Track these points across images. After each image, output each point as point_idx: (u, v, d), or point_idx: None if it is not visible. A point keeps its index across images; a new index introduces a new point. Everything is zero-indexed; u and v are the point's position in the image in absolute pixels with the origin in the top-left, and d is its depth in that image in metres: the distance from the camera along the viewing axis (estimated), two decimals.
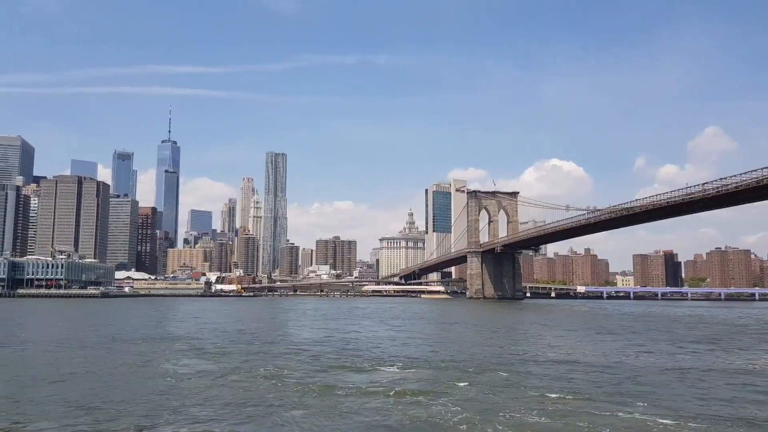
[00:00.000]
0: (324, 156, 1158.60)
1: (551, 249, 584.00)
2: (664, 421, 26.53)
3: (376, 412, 28.36)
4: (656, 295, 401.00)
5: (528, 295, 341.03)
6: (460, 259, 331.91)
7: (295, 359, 47.59)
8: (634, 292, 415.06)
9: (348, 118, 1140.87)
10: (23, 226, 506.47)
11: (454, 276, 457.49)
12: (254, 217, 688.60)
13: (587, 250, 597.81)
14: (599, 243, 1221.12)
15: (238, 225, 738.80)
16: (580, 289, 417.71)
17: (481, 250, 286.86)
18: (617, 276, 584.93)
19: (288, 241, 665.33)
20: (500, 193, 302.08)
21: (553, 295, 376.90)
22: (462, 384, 35.79)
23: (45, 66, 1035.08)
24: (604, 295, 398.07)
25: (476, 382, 36.56)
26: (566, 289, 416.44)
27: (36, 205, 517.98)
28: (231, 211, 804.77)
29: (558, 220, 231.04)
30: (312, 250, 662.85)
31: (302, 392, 33.05)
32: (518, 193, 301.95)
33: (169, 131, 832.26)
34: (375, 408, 29.26)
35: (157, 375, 39.23)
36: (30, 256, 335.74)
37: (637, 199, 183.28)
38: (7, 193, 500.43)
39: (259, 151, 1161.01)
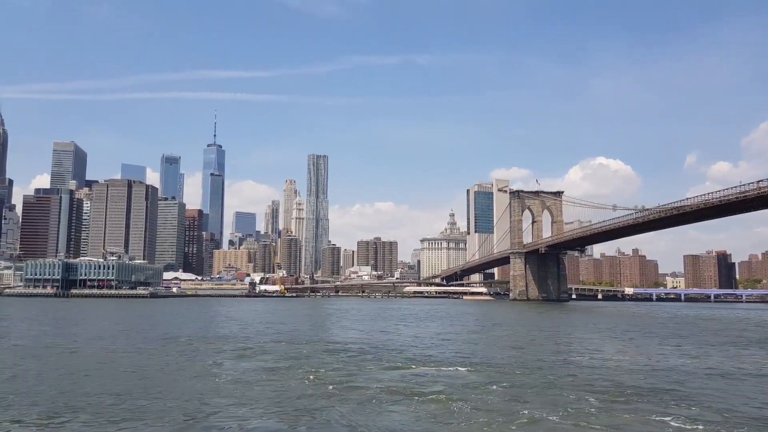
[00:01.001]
0: (365, 157, 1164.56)
1: (597, 250, 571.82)
2: (711, 429, 25.37)
3: (411, 412, 28.31)
4: (709, 297, 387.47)
5: (573, 296, 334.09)
6: (503, 260, 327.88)
7: (337, 358, 47.83)
8: (685, 294, 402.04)
9: (389, 119, 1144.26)
10: (76, 229, 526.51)
11: (496, 277, 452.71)
12: (297, 218, 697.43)
13: (635, 251, 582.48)
14: (648, 243, 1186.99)
15: (281, 226, 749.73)
16: (628, 290, 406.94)
17: (525, 250, 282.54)
18: (667, 277, 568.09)
19: (330, 242, 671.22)
20: (544, 192, 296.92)
21: (599, 296, 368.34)
22: (499, 385, 35.32)
23: (97, 73, 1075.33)
24: (654, 297, 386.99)
25: (514, 384, 35.98)
26: (613, 290, 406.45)
27: (88, 208, 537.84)
28: (274, 213, 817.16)
29: (604, 220, 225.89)
30: (353, 251, 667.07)
31: (342, 391, 33.18)
32: (563, 192, 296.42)
33: (215, 135, 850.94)
34: (410, 408, 29.20)
35: (202, 373, 40.05)
36: (83, 258, 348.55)
37: (687, 198, 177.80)
38: (61, 197, 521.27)
39: (302, 153, 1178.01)
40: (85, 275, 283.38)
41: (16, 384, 35.52)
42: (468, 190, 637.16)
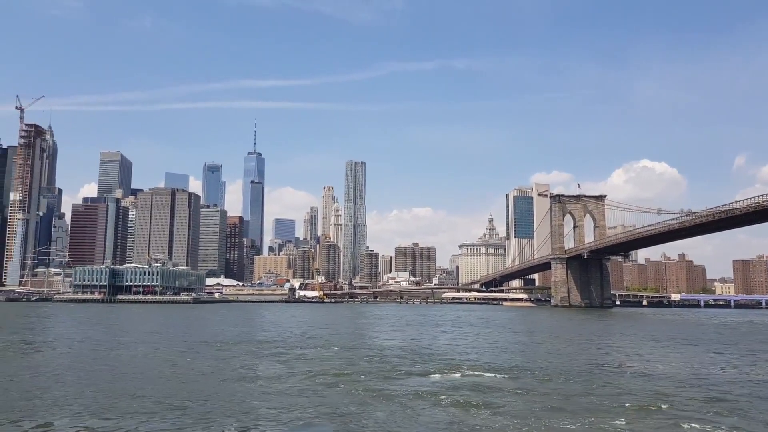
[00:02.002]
0: (403, 162, 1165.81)
1: (642, 255, 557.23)
2: None
3: (446, 418, 28.10)
4: (760, 303, 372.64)
5: (617, 303, 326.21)
6: (544, 266, 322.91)
7: (375, 363, 47.93)
8: (734, 300, 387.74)
9: (427, 124, 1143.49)
10: (122, 236, 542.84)
11: (537, 283, 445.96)
12: (335, 224, 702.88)
13: (682, 256, 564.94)
14: (695, 248, 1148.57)
15: (319, 233, 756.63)
16: (675, 296, 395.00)
17: (566, 256, 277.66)
18: (716, 283, 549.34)
19: (367, 248, 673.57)
20: (585, 196, 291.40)
21: (644, 303, 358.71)
22: (536, 392, 34.78)
23: (141, 85, 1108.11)
24: (702, 304, 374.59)
25: (551, 391, 35.33)
26: (659, 296, 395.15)
27: (134, 216, 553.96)
28: (312, 219, 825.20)
29: (649, 224, 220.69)
30: (391, 257, 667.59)
31: (378, 396, 33.22)
32: (605, 196, 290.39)
33: (255, 143, 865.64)
34: (446, 414, 29.02)
35: (242, 377, 40.76)
36: (128, 264, 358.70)
37: (736, 201, 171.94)
38: (108, 205, 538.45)
39: (340, 159, 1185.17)
40: (131, 281, 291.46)
41: (67, 387, 36.78)
42: (507, 195, 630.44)
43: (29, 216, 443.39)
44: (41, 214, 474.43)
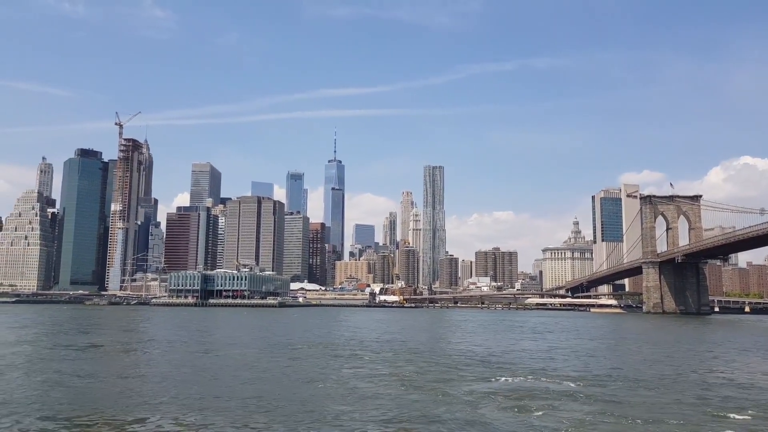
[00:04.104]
0: (482, 166, 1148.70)
1: (743, 258, 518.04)
2: None
3: (523, 426, 26.89)
4: None
5: (716, 309, 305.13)
6: (634, 271, 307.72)
7: (455, 368, 47.17)
8: None
9: (507, 126, 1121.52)
10: (213, 243, 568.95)
11: (627, 289, 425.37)
12: (413, 229, 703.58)
13: None
14: None
15: (398, 238, 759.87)
16: None
17: (659, 260, 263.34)
18: None
19: (447, 252, 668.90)
20: (679, 197, 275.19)
21: (747, 309, 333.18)
22: (630, 401, 32.74)
23: (229, 98, 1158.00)
24: None
25: (640, 401, 33.08)
26: (763, 303, 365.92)
27: (223, 224, 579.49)
28: (392, 225, 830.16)
29: (751, 225, 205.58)
30: (471, 262, 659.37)
31: (455, 401, 32.57)
32: (701, 196, 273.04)
33: (335, 151, 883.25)
34: (524, 421, 27.80)
35: (325, 378, 41.27)
36: (218, 270, 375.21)
37: None
38: (199, 213, 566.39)
39: (418, 164, 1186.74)
40: (221, 286, 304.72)
41: (166, 385, 38.67)
42: (593, 197, 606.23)
43: (128, 225, 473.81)
44: (139, 223, 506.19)
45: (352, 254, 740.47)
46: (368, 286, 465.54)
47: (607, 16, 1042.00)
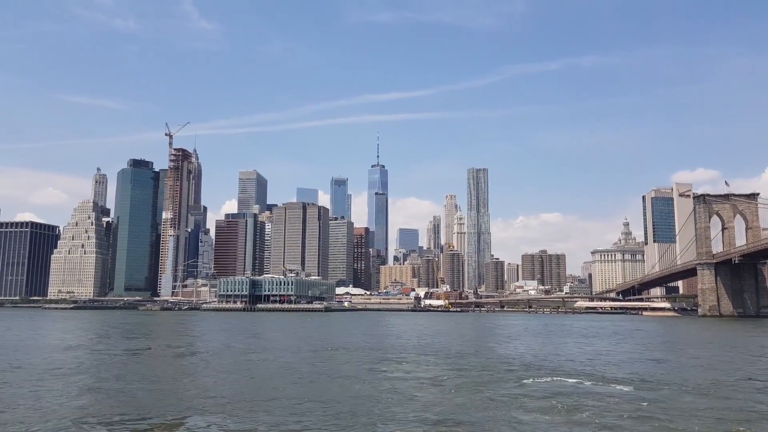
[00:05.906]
0: (528, 167, 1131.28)
1: None
2: None
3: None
4: None
5: None
6: (688, 273, 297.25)
7: (500, 372, 46.72)
8: None
9: (552, 126, 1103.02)
10: (260, 249, 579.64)
11: (681, 291, 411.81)
12: (458, 233, 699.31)
13: None
14: None
15: (443, 241, 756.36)
16: None
17: (715, 261, 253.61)
18: None
19: (492, 256, 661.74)
20: (735, 195, 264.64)
21: None
22: (682, 408, 31.89)
23: (274, 106, 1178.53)
24: None
25: (696, 409, 31.95)
26: None
27: (270, 230, 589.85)
28: (436, 228, 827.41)
29: None
30: (517, 265, 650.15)
31: (499, 405, 32.30)
32: (758, 194, 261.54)
33: (378, 156, 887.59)
34: (576, 429, 27.28)
35: (374, 380, 41.57)
36: (266, 275, 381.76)
37: None
38: (246, 220, 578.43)
39: (461, 167, 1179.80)
40: (269, 291, 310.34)
41: (218, 388, 39.72)
42: (644, 197, 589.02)
43: (179, 232, 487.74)
44: (189, 230, 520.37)
45: (396, 258, 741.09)
46: (413, 290, 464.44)
47: (654, 10, 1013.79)
